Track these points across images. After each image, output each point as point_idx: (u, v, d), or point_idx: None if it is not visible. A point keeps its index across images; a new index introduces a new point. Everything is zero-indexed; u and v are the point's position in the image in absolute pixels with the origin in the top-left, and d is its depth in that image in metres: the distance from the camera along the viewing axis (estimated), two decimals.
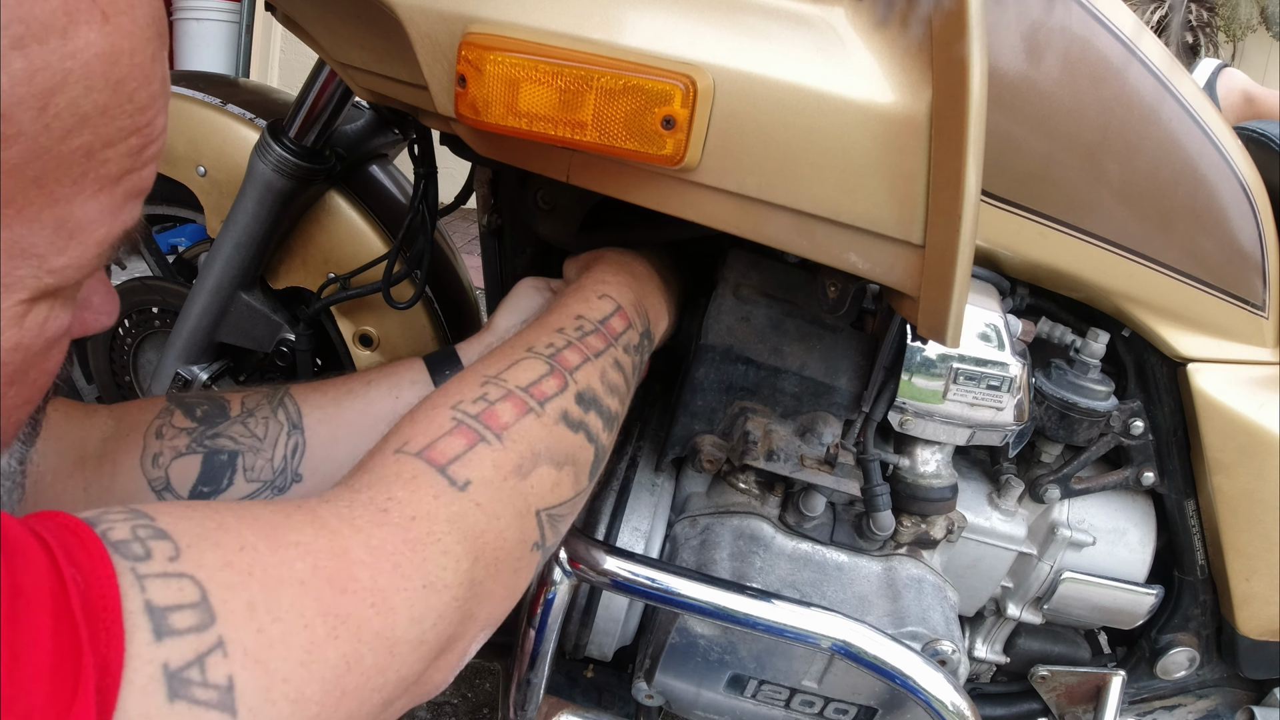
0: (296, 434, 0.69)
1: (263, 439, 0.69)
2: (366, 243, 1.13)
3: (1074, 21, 0.68)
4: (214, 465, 0.67)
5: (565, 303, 0.63)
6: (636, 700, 0.78)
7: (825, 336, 0.75)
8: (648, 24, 0.53)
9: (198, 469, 0.67)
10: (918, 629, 0.70)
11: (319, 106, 1.02)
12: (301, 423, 0.69)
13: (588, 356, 0.58)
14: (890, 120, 0.53)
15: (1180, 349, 0.80)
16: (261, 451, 0.68)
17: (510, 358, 0.56)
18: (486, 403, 0.51)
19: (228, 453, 0.68)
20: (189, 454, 0.67)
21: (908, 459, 0.76)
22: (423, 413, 0.52)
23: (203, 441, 0.68)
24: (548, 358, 0.56)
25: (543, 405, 0.53)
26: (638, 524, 0.76)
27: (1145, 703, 0.98)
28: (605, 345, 0.60)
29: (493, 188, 0.89)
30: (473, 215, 0.97)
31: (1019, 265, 0.75)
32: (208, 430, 0.68)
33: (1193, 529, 0.88)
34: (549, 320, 0.61)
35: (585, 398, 0.56)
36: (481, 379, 0.54)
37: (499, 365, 0.55)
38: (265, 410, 0.70)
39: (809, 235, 0.57)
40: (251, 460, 0.68)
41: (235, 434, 0.69)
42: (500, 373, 0.54)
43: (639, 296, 0.68)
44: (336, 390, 0.72)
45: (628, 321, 0.64)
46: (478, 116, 0.55)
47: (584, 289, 0.65)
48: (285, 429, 0.69)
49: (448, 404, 0.51)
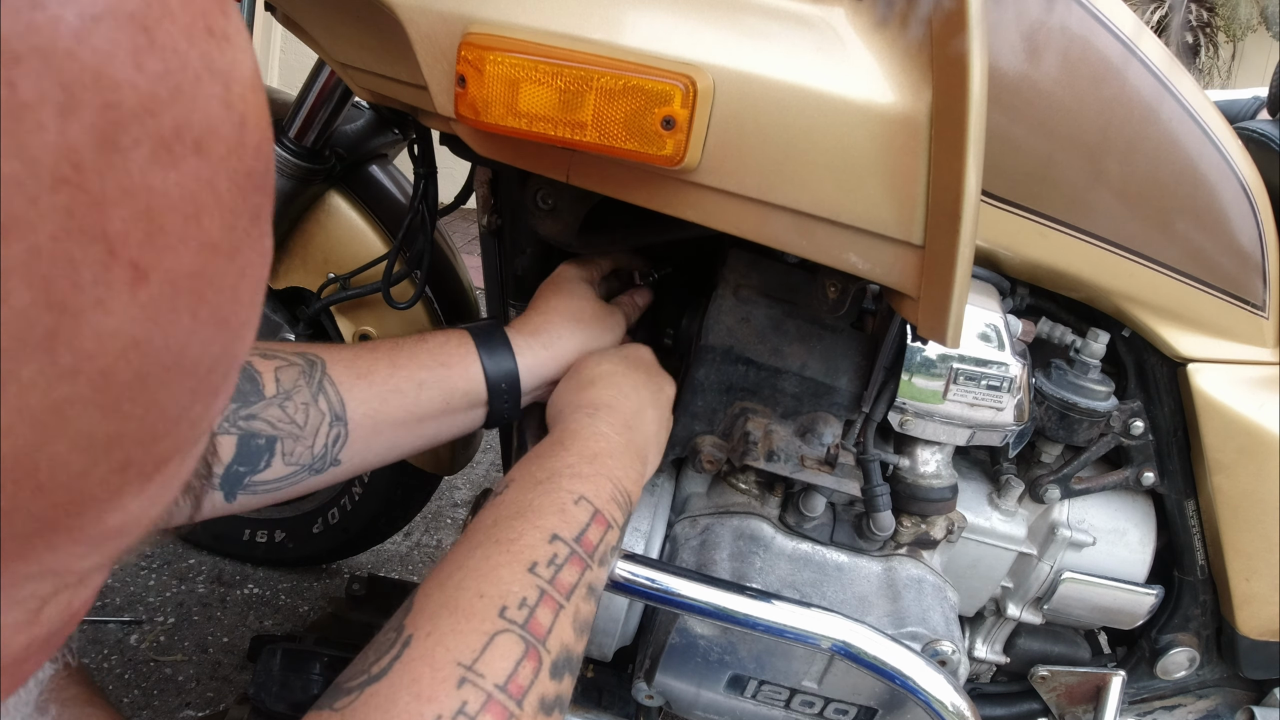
0: (339, 425, 0.67)
1: (303, 426, 0.66)
2: (366, 243, 1.13)
3: (1074, 21, 0.68)
4: (251, 448, 0.65)
5: (538, 504, 0.56)
6: (636, 700, 0.78)
7: (825, 337, 0.75)
8: (648, 24, 0.53)
9: (233, 449, 0.65)
10: (918, 629, 0.70)
11: (319, 106, 1.02)
12: (345, 414, 0.67)
13: (560, 604, 0.53)
14: (890, 120, 0.53)
15: (1180, 349, 0.80)
16: (302, 439, 0.66)
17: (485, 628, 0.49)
18: (467, 717, 0.46)
19: (265, 437, 0.65)
20: (221, 434, 0.64)
21: (908, 459, 0.76)
22: None
23: (236, 421, 0.65)
24: (521, 628, 0.50)
25: (521, 703, 0.48)
26: (638, 524, 0.76)
27: (1145, 703, 0.98)
28: (580, 573, 0.55)
29: (493, 188, 0.89)
30: (473, 215, 0.97)
31: (1019, 265, 0.74)
32: (241, 409, 0.65)
33: (1193, 529, 0.88)
34: (524, 534, 0.54)
35: (559, 665, 0.51)
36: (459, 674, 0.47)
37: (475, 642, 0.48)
38: (304, 394, 0.66)
39: (809, 236, 0.57)
40: (291, 446, 0.66)
41: (273, 418, 0.66)
42: (475, 659, 0.47)
43: (622, 471, 0.63)
44: (383, 385, 0.68)
45: (605, 525, 0.58)
46: (477, 117, 0.55)
47: (558, 483, 0.58)
48: (327, 419, 0.67)
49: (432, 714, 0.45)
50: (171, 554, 1.50)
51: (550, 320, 0.75)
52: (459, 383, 0.70)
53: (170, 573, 1.46)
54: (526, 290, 0.85)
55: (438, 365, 0.70)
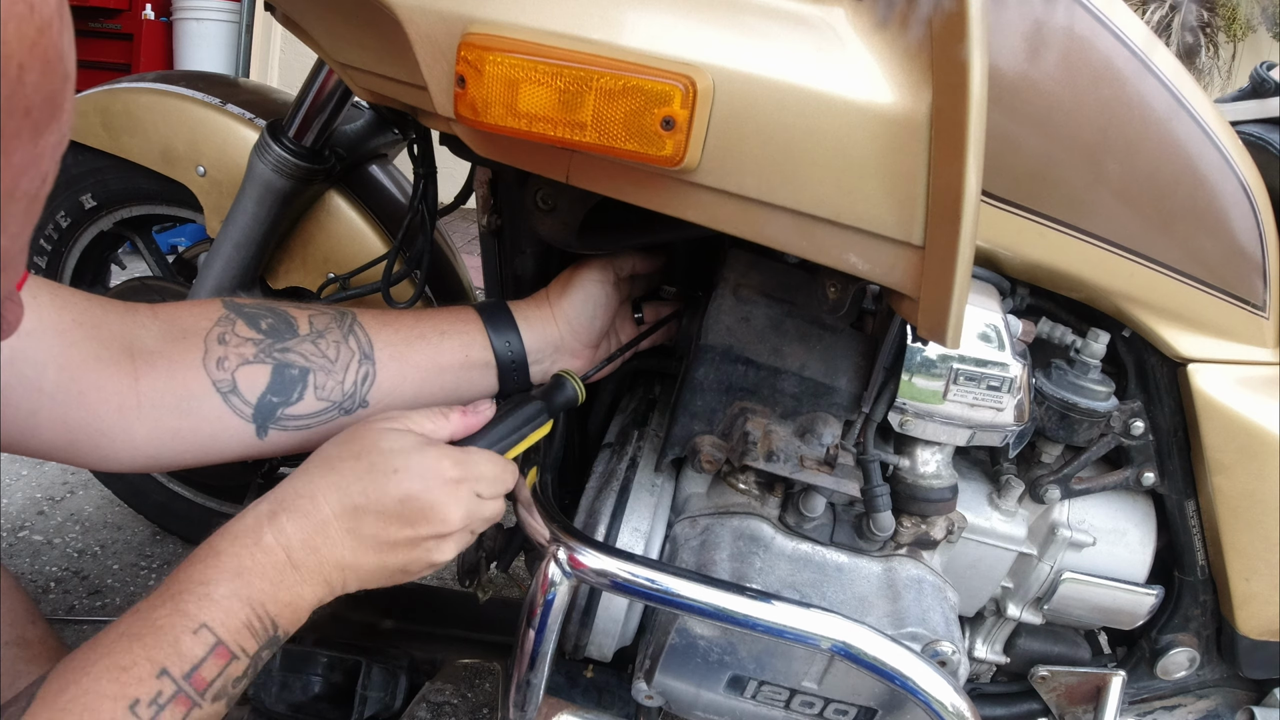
0: (368, 364, 0.71)
1: (334, 361, 0.70)
2: (366, 243, 1.13)
3: (1074, 21, 0.68)
4: (285, 378, 0.69)
5: (160, 624, 0.53)
6: (636, 701, 0.78)
7: (825, 337, 0.75)
8: (647, 24, 0.53)
9: (267, 378, 0.68)
10: (918, 630, 0.70)
11: (319, 106, 1.02)
12: (373, 354, 0.71)
13: None
14: (890, 121, 0.53)
15: (1180, 349, 0.80)
16: (333, 373, 0.70)
17: None
18: None
19: (299, 368, 0.69)
20: (257, 363, 0.68)
21: (908, 459, 0.76)
22: None
23: (271, 353, 0.68)
24: None
25: None
26: (638, 524, 0.76)
27: (1145, 703, 0.98)
28: (184, 713, 0.52)
29: (492, 188, 0.89)
30: (473, 215, 0.97)
31: (1019, 265, 0.74)
32: (276, 343, 0.69)
33: (1193, 529, 0.88)
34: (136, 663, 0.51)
35: None
36: None
37: None
38: (336, 334, 0.71)
39: (809, 236, 0.57)
40: (323, 380, 0.69)
41: (305, 351, 0.69)
42: None
43: (273, 593, 0.57)
44: (408, 331, 0.74)
45: (228, 658, 0.55)
46: (477, 117, 0.55)
47: (184, 604, 0.54)
48: (357, 356, 0.71)
49: None
50: (171, 554, 1.50)
51: (560, 303, 0.79)
52: (477, 336, 0.75)
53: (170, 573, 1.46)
54: (526, 290, 0.85)
55: (457, 320, 0.76)
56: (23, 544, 1.47)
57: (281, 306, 0.72)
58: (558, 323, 0.78)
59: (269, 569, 0.58)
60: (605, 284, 0.79)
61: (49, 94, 0.32)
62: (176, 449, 0.67)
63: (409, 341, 0.73)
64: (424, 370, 0.73)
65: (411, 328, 0.74)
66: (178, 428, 0.66)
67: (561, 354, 0.79)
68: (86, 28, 3.46)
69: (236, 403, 0.67)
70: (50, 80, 0.32)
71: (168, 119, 1.13)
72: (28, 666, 0.72)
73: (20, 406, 0.60)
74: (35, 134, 0.32)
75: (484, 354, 0.76)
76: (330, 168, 1.07)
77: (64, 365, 0.62)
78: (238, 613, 0.56)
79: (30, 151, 0.32)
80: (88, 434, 0.64)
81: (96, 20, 3.49)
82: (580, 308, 0.78)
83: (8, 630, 0.73)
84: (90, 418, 0.63)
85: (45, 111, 0.32)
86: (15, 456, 1.43)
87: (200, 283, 1.07)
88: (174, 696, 0.52)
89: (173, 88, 1.15)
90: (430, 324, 0.75)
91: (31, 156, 0.33)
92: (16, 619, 0.75)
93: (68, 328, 0.62)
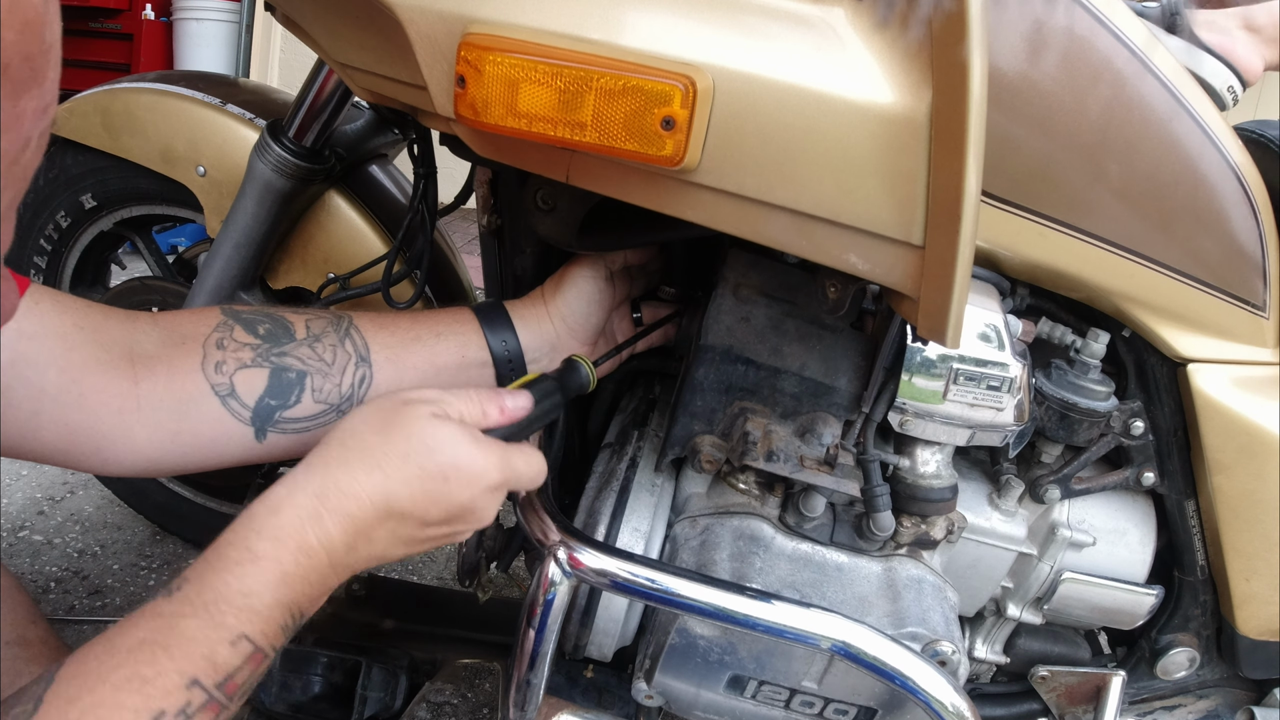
0: (364, 366, 0.72)
1: (331, 364, 0.71)
2: (366, 243, 1.13)
3: (1074, 21, 0.68)
4: (282, 381, 0.69)
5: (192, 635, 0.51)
6: (636, 701, 0.78)
7: (825, 337, 0.75)
8: (647, 24, 0.53)
9: (265, 382, 0.69)
10: (918, 630, 0.70)
11: (319, 106, 1.02)
12: (369, 357, 0.72)
13: None
14: (890, 121, 0.53)
15: (1180, 349, 0.80)
16: (330, 376, 0.71)
17: None
18: None
19: (296, 371, 0.70)
20: (254, 367, 0.69)
21: (908, 459, 0.76)
22: None
23: (269, 357, 0.70)
24: None
25: None
26: (638, 524, 0.76)
27: (1145, 703, 0.98)
28: (213, 718, 0.51)
29: (493, 188, 0.89)
30: (473, 215, 0.97)
31: (1019, 265, 0.74)
32: (273, 348, 0.70)
33: (1193, 529, 0.88)
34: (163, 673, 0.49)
35: None
36: None
37: None
38: (332, 338, 0.72)
39: (808, 236, 0.57)
40: (320, 382, 0.70)
41: (303, 355, 0.70)
42: None
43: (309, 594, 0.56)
44: (404, 333, 0.74)
45: (261, 660, 0.54)
46: (477, 117, 0.55)
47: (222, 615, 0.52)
48: (353, 359, 0.72)
49: None
50: (171, 554, 1.50)
51: (555, 301, 0.79)
52: (472, 336, 0.76)
53: (170, 573, 1.46)
54: (526, 290, 0.85)
55: (453, 321, 0.76)
56: (23, 544, 1.47)
57: (279, 312, 0.73)
58: (553, 320, 0.79)
59: (311, 573, 0.55)
60: (598, 279, 0.80)
61: (26, 54, 0.33)
62: (176, 452, 0.68)
63: (405, 343, 0.74)
64: (420, 371, 0.74)
65: (407, 330, 0.75)
66: (177, 431, 0.67)
67: (558, 352, 0.79)
68: (86, 28, 3.45)
69: (235, 406, 0.68)
70: (27, 41, 0.33)
71: (168, 119, 1.13)
72: (28, 666, 0.73)
73: (21, 408, 0.61)
74: (14, 94, 0.33)
75: (480, 353, 0.76)
76: (330, 168, 1.07)
77: (65, 368, 0.62)
78: (278, 619, 0.54)
79: (10, 110, 0.33)
80: (88, 436, 0.64)
81: (96, 20, 3.49)
82: (575, 304, 0.79)
83: (8, 630, 0.74)
84: (90, 420, 0.64)
85: (23, 71, 0.33)
86: None
87: (200, 282, 1.07)
88: (204, 705, 0.50)
89: (173, 88, 1.15)
90: (426, 325, 0.76)
91: (11, 116, 0.33)
92: (17, 619, 0.75)
93: (69, 331, 0.63)
